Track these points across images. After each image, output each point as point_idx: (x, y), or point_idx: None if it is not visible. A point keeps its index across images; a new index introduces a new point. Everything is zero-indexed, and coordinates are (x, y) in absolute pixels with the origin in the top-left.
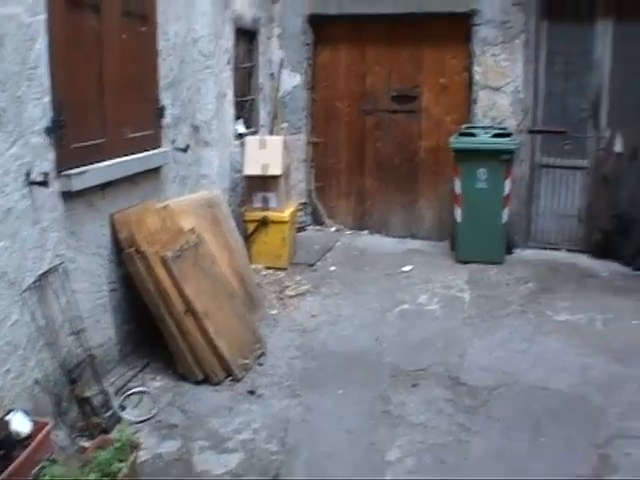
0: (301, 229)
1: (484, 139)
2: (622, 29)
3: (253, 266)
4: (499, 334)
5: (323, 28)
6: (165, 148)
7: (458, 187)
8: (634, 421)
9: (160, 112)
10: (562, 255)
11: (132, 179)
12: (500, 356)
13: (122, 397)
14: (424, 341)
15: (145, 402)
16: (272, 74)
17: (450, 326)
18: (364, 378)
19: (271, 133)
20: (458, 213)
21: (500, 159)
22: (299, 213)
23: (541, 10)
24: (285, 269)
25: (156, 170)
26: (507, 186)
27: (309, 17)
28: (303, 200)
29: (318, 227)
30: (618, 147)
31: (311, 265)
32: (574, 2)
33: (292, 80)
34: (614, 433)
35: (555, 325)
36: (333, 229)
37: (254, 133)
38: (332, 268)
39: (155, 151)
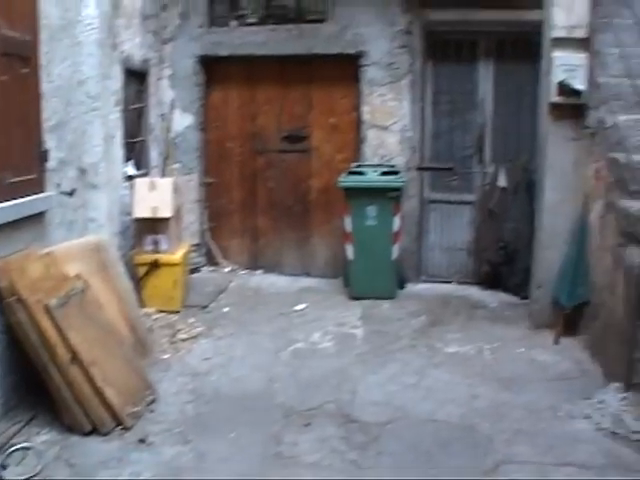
0: (195, 270)
1: (372, 177)
2: (502, 69)
3: (145, 310)
4: (391, 369)
5: (214, 69)
6: (49, 192)
7: (348, 225)
8: (520, 446)
9: (44, 155)
10: (453, 288)
11: (13, 225)
12: (392, 391)
13: (4, 455)
14: (317, 380)
15: (30, 458)
16: (163, 115)
17: (343, 363)
18: (257, 420)
19: (163, 174)
20: (349, 250)
21: (388, 196)
22: (192, 254)
23: (426, 52)
24: (178, 312)
25: (40, 215)
26: (396, 222)
27: (200, 58)
28: (197, 241)
29: (212, 268)
30: (502, 182)
31: (204, 307)
32: (457, 45)
33: (184, 121)
34: (501, 459)
35: (445, 357)
36: (227, 269)
37: (145, 175)
38: (226, 309)
39: (38, 196)
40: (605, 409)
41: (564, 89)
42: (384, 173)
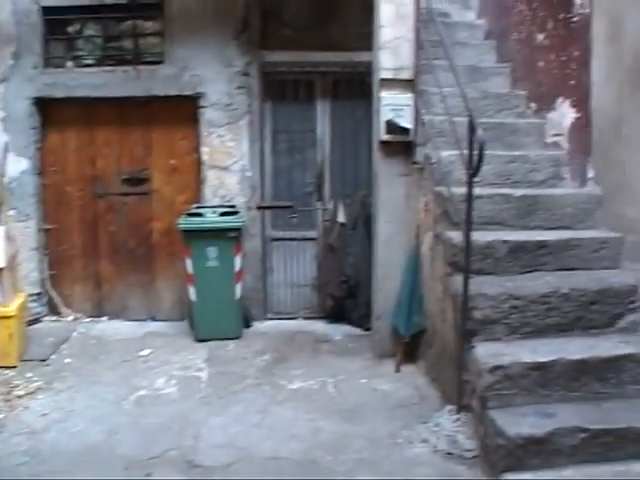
0: (35, 321)
1: (211, 218)
2: (339, 108)
3: None
4: (234, 409)
5: (51, 111)
6: None
7: (190, 267)
8: (361, 475)
9: None
10: (299, 323)
11: None
12: (235, 432)
13: None
14: (160, 427)
15: None
16: None
17: (186, 407)
18: (95, 474)
19: None
20: (192, 292)
21: (228, 237)
22: (32, 304)
23: (264, 92)
24: (14, 367)
25: None
26: (237, 262)
27: (35, 100)
28: (37, 290)
29: (54, 317)
30: (341, 217)
31: (44, 360)
32: (294, 85)
33: (19, 165)
34: None
35: (289, 394)
36: (70, 318)
37: None
38: (67, 360)
39: None
40: (440, 431)
41: (392, 127)
42: (223, 214)
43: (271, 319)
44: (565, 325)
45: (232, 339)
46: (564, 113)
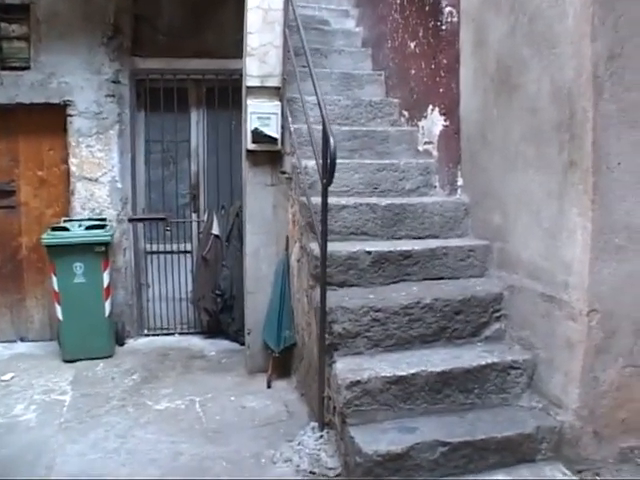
0: None
1: (77, 232)
2: (213, 117)
3: None
4: (94, 435)
5: None
6: None
7: (55, 284)
8: None
9: None
10: (175, 339)
11: None
12: (92, 459)
13: None
14: (11, 458)
15: None
16: None
17: (44, 435)
18: None
19: None
20: (59, 311)
21: (95, 251)
22: None
23: (137, 101)
24: None
25: None
26: (106, 278)
27: None
28: None
29: None
30: (215, 229)
31: None
32: (168, 93)
33: None
34: None
35: (154, 415)
36: None
37: None
38: None
39: None
40: (304, 450)
41: (258, 136)
42: (91, 227)
43: (147, 335)
44: (429, 336)
45: (103, 358)
46: (434, 121)
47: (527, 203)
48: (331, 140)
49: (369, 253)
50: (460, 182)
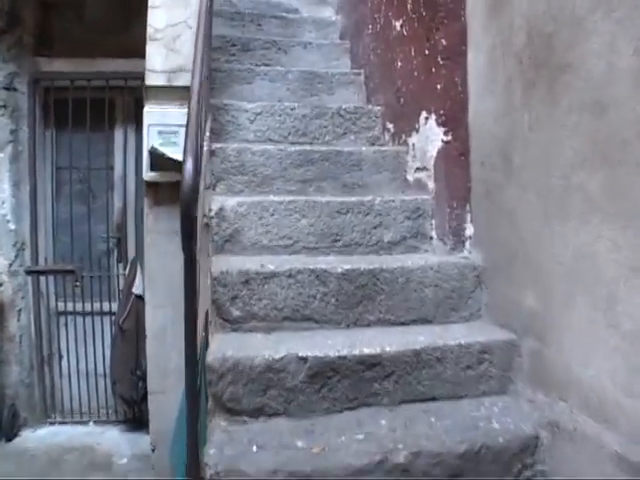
0: None
1: None
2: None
3: None
4: None
5: None
6: None
7: None
8: None
9: None
10: (87, 431)
11: None
12: None
13: None
14: None
15: None
16: None
17: None
18: None
19: None
20: None
21: None
22: None
23: (43, 115)
24: None
25: None
26: None
27: None
28: None
29: None
30: (137, 288)
31: None
32: (82, 106)
33: None
34: None
35: None
36: None
37: None
38: None
39: None
40: None
41: (159, 160)
42: None
43: (53, 423)
44: None
45: None
46: (429, 135)
47: (589, 279)
48: (188, 163)
49: (304, 361)
50: (469, 231)
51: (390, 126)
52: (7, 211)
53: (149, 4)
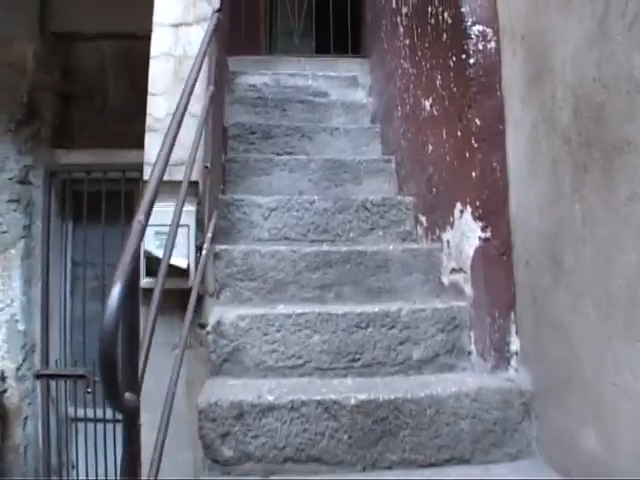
0: None
1: None
2: None
3: None
4: None
5: None
6: None
7: None
8: None
9: None
10: None
11: None
12: None
13: None
14: None
15: None
16: None
17: None
18: None
19: None
20: None
21: None
22: None
23: (58, 209)
24: None
25: None
26: None
27: None
28: None
29: None
30: None
31: None
32: (106, 198)
33: None
34: None
35: None
36: None
37: None
38: None
39: None
40: None
41: (155, 264)
42: None
43: None
44: None
45: None
46: (465, 231)
47: None
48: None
49: None
50: (515, 346)
51: (423, 219)
52: (16, 310)
53: (149, 91)
